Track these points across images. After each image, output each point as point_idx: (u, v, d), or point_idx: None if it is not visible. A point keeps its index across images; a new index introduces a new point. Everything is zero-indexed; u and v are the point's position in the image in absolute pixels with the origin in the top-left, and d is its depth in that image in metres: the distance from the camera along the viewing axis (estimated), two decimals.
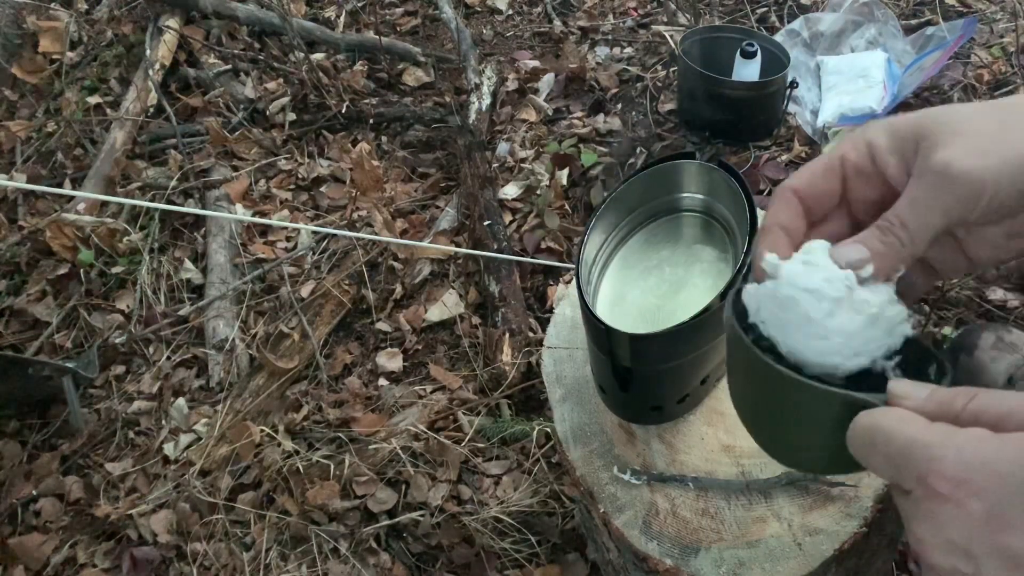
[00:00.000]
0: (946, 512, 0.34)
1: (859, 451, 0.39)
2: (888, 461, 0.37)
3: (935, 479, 0.34)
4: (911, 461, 0.35)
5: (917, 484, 0.35)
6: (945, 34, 1.81)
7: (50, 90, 2.44)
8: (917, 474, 0.35)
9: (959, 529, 0.33)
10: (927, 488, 0.34)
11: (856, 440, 0.39)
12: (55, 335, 1.83)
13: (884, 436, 0.37)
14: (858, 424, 0.39)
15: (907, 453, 0.36)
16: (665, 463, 0.76)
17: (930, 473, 0.34)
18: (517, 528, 1.33)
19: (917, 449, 0.35)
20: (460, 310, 1.70)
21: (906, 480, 0.36)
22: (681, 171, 0.73)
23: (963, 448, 0.34)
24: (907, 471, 0.36)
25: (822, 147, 1.72)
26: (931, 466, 0.34)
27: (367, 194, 1.94)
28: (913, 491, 0.35)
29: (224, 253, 1.91)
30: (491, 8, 2.51)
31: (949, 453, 0.34)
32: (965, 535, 0.33)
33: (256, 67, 2.36)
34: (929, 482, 0.34)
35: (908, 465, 0.35)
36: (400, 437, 1.48)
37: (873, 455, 0.38)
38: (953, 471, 0.33)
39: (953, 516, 0.33)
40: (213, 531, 1.46)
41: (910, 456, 0.35)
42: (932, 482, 0.34)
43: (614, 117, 2.00)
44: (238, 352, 1.72)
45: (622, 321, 0.67)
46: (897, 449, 0.36)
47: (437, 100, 2.21)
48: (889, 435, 0.37)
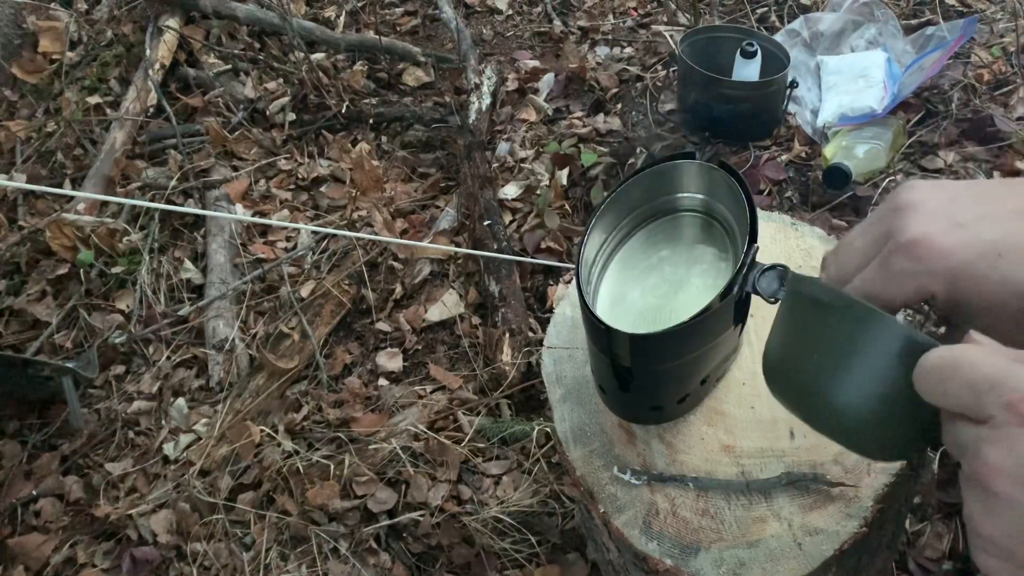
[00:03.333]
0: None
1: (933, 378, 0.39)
2: (969, 387, 0.37)
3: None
4: (1000, 387, 0.36)
5: (1003, 409, 0.35)
6: (945, 34, 1.81)
7: (50, 90, 2.44)
8: (1007, 399, 0.35)
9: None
10: (1016, 413, 0.35)
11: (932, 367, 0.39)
12: (55, 335, 1.83)
13: (970, 363, 0.38)
14: (937, 353, 0.39)
15: (998, 378, 0.36)
16: (665, 463, 0.76)
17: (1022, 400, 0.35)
18: (517, 528, 1.33)
19: (1009, 377, 0.36)
20: (460, 310, 1.70)
21: (989, 405, 0.36)
22: (681, 171, 0.73)
23: None
24: (992, 396, 0.36)
25: (822, 147, 1.72)
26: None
27: (367, 194, 1.94)
28: (996, 416, 0.36)
29: (224, 253, 1.91)
30: (491, 8, 2.51)
31: None
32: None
33: (256, 67, 2.36)
34: (1021, 408, 0.35)
35: (995, 390, 0.36)
36: (400, 437, 1.48)
37: (952, 381, 0.38)
38: None
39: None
40: (213, 531, 1.46)
41: (1000, 382, 0.36)
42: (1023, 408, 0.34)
43: (614, 117, 2.00)
44: (238, 352, 1.72)
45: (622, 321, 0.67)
46: (984, 375, 0.37)
47: (437, 100, 2.21)
48: (975, 363, 0.37)
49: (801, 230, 0.91)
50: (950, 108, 1.73)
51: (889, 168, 1.67)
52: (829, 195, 1.65)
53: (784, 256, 0.88)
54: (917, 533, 1.24)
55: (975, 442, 0.37)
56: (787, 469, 0.72)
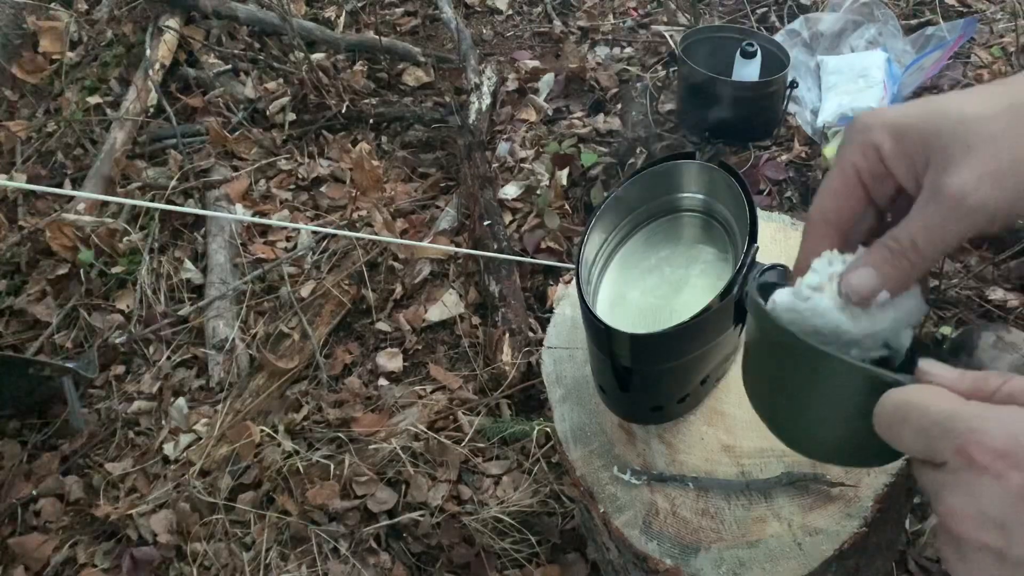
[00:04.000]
0: (983, 483, 0.34)
1: (887, 426, 0.39)
2: (921, 434, 0.37)
3: (975, 449, 0.34)
4: (949, 432, 0.35)
5: (955, 455, 0.35)
6: (945, 34, 1.81)
7: (50, 90, 2.44)
8: (956, 445, 0.35)
9: (995, 501, 0.33)
10: (966, 458, 0.34)
11: (886, 415, 0.39)
12: (55, 335, 1.83)
13: (919, 409, 0.37)
14: (889, 399, 0.39)
15: (945, 425, 0.36)
16: (665, 463, 0.76)
17: (970, 444, 0.34)
18: (517, 528, 1.33)
19: (957, 421, 0.35)
20: (460, 310, 1.70)
21: (941, 451, 0.36)
22: (681, 171, 0.73)
23: (1006, 421, 0.34)
24: (944, 442, 0.35)
25: (822, 147, 1.72)
26: (972, 437, 0.34)
27: (367, 194, 1.94)
28: (949, 462, 0.35)
29: (224, 253, 1.91)
30: (491, 8, 2.51)
31: (991, 425, 0.34)
32: (1001, 507, 0.33)
33: (256, 67, 2.36)
34: (969, 452, 0.34)
35: (945, 436, 0.35)
36: (400, 437, 1.48)
37: (904, 428, 0.38)
38: (995, 442, 0.33)
39: (990, 488, 0.33)
40: (213, 531, 1.46)
41: (949, 428, 0.35)
42: (972, 452, 0.34)
43: (614, 117, 2.00)
44: (238, 352, 1.72)
45: (622, 321, 0.67)
46: (933, 421, 0.36)
47: (437, 100, 2.21)
48: (924, 408, 0.37)
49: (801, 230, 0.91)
50: None
51: None
52: None
53: (784, 256, 0.88)
54: (917, 533, 1.24)
55: (937, 488, 0.36)
56: (787, 469, 0.72)
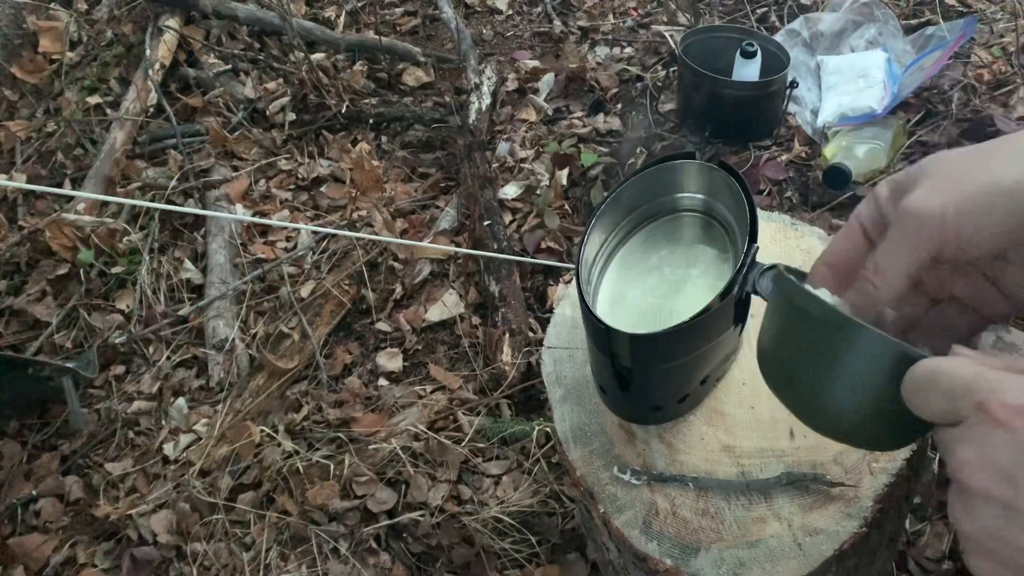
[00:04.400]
0: (998, 436, 0.36)
1: (917, 390, 0.41)
2: (947, 395, 0.39)
3: (994, 404, 0.36)
4: (972, 390, 0.38)
5: (974, 410, 0.37)
6: (945, 34, 1.81)
7: (50, 90, 2.44)
8: (976, 400, 0.37)
9: (1008, 453, 0.35)
10: (984, 412, 0.37)
11: (916, 380, 0.41)
12: (55, 335, 1.83)
13: (948, 373, 0.40)
14: (922, 365, 0.41)
15: (971, 384, 0.38)
16: (665, 463, 0.76)
17: (990, 400, 0.36)
18: (517, 528, 1.33)
19: (981, 380, 0.38)
20: (460, 310, 1.70)
21: (963, 409, 0.38)
22: (681, 171, 0.73)
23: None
24: (965, 400, 0.38)
25: (822, 147, 1.72)
26: (992, 394, 0.37)
27: (367, 194, 1.94)
28: (968, 418, 0.38)
29: (224, 253, 1.91)
30: (491, 8, 2.51)
31: (1013, 385, 0.37)
32: (1012, 460, 0.35)
33: (256, 67, 2.36)
34: (988, 407, 0.36)
35: (968, 394, 0.38)
36: (400, 437, 1.48)
37: (932, 391, 0.40)
38: (1013, 399, 0.36)
39: (1004, 441, 0.36)
40: (213, 531, 1.46)
41: (972, 386, 0.38)
42: (991, 407, 0.36)
43: (614, 117, 2.00)
44: (238, 352, 1.72)
45: (622, 321, 0.67)
46: (960, 382, 0.39)
47: (437, 100, 2.21)
48: (953, 372, 0.39)
49: (801, 230, 0.91)
50: (950, 108, 1.73)
51: (889, 168, 1.67)
52: (829, 195, 1.65)
53: (784, 256, 0.88)
54: (917, 533, 1.24)
55: (951, 442, 0.39)
56: (787, 469, 0.72)
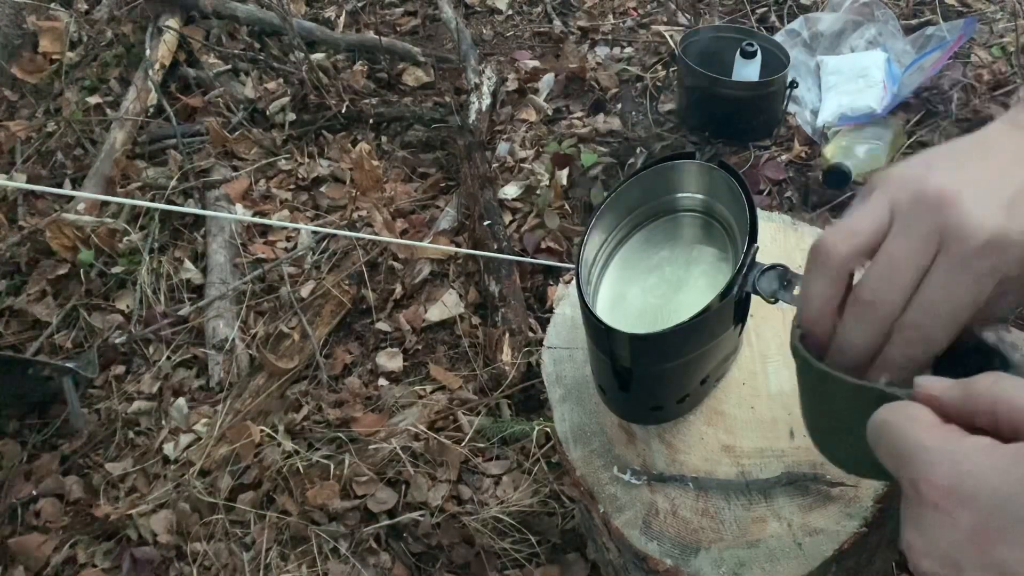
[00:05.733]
0: (936, 520, 0.33)
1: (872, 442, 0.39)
2: (892, 458, 0.36)
3: (926, 486, 0.33)
4: (909, 464, 0.35)
5: (911, 488, 0.34)
6: (945, 34, 1.81)
7: (50, 90, 2.44)
8: (911, 478, 0.34)
9: (948, 539, 0.32)
10: (919, 494, 0.34)
11: (870, 431, 0.39)
12: (55, 335, 1.83)
13: (891, 433, 0.37)
14: (875, 418, 0.39)
15: (908, 455, 0.35)
16: (665, 463, 0.76)
17: (922, 479, 0.34)
18: (517, 528, 1.33)
19: (916, 452, 0.35)
20: (460, 310, 1.70)
21: (903, 480, 0.35)
22: (681, 171, 0.73)
23: (958, 457, 0.33)
24: (906, 471, 0.35)
25: (822, 147, 1.72)
26: (925, 472, 0.34)
27: (367, 194, 1.94)
28: (906, 493, 0.35)
29: (224, 253, 1.91)
30: (491, 8, 2.51)
31: (944, 460, 0.33)
32: (953, 546, 0.32)
33: (256, 67, 2.36)
34: (921, 488, 0.33)
35: (907, 467, 0.35)
36: (400, 437, 1.48)
37: (880, 448, 0.38)
38: (944, 479, 0.33)
39: (942, 525, 0.33)
40: (213, 531, 1.46)
41: (910, 459, 0.35)
42: (923, 489, 0.33)
43: (614, 117, 2.00)
44: (238, 352, 1.72)
45: (622, 321, 0.67)
46: (899, 449, 0.36)
47: (437, 100, 2.20)
48: (895, 433, 0.36)
49: (801, 230, 0.91)
50: (950, 108, 1.73)
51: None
52: (829, 195, 1.65)
53: (784, 256, 0.88)
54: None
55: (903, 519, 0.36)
56: (787, 469, 0.72)
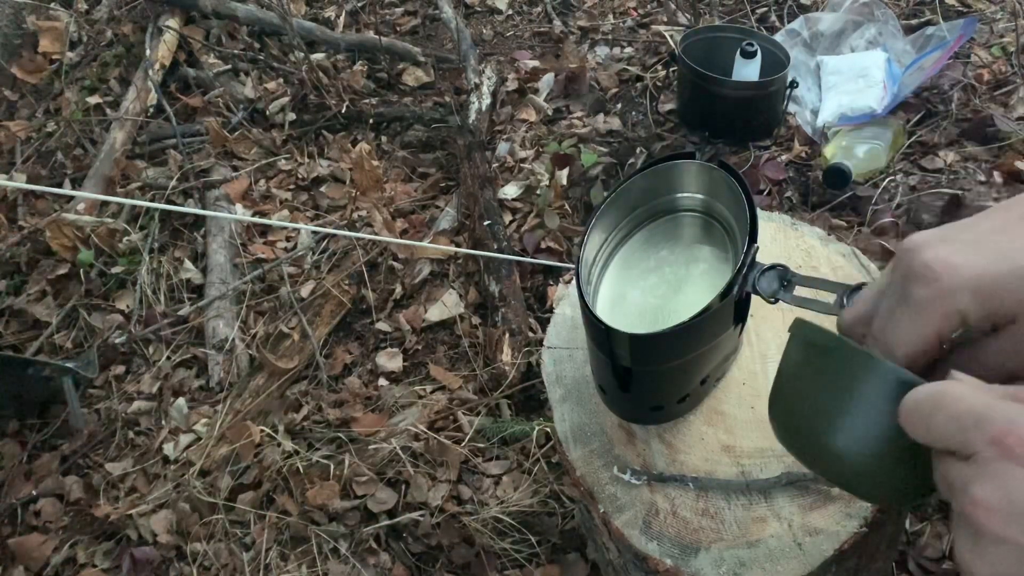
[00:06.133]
0: (1018, 475, 0.33)
1: (917, 418, 0.39)
2: (954, 421, 0.36)
3: (1014, 439, 0.34)
4: (985, 421, 0.35)
5: (990, 444, 0.34)
6: (945, 34, 1.81)
7: (50, 90, 2.44)
8: (992, 434, 0.34)
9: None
10: (1002, 448, 0.34)
11: (916, 403, 0.39)
12: (55, 335, 1.83)
13: (954, 397, 0.37)
14: (923, 389, 0.39)
15: (982, 414, 0.35)
16: (665, 463, 0.76)
17: (1008, 433, 0.34)
18: (517, 528, 1.33)
19: (994, 411, 0.35)
20: (460, 310, 1.70)
21: (974, 441, 0.35)
22: (681, 171, 0.73)
23: None
24: (978, 432, 0.35)
25: (822, 147, 1.72)
26: (1010, 427, 0.34)
27: (367, 194, 1.94)
28: (980, 452, 0.35)
29: (224, 253, 1.91)
30: (491, 8, 2.51)
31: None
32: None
33: (256, 67, 2.36)
34: (1007, 441, 0.34)
35: (980, 425, 0.35)
36: (400, 437, 1.48)
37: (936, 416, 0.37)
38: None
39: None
40: (213, 531, 1.46)
41: (985, 416, 0.35)
42: (1010, 442, 0.34)
43: (614, 117, 2.00)
44: (238, 352, 1.72)
45: (622, 321, 0.67)
46: (968, 409, 0.36)
47: (437, 100, 2.21)
48: (960, 397, 0.37)
49: (801, 230, 0.91)
50: (950, 108, 1.73)
51: (889, 168, 1.67)
52: (829, 195, 1.65)
53: (784, 256, 0.88)
54: (917, 533, 1.24)
55: (963, 480, 0.36)
56: (787, 469, 0.72)
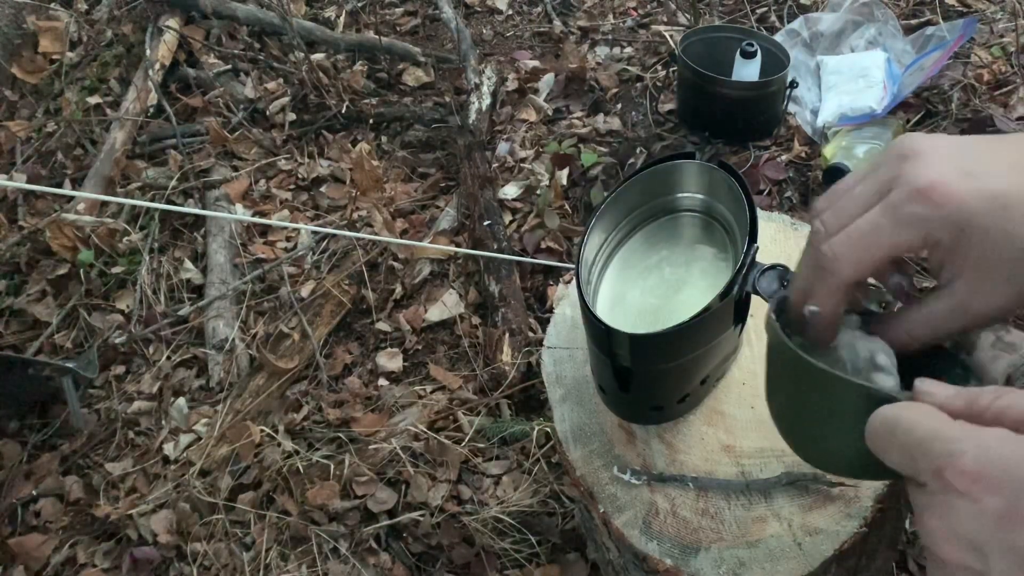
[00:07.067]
0: (961, 506, 0.34)
1: (876, 442, 0.39)
2: (905, 453, 0.37)
3: (952, 473, 0.34)
4: (930, 453, 0.35)
5: (933, 477, 0.35)
6: (945, 34, 1.81)
7: (50, 90, 2.44)
8: (935, 466, 0.35)
9: (972, 524, 0.33)
10: (943, 481, 0.34)
11: (874, 431, 0.39)
12: (55, 335, 1.83)
13: (904, 427, 0.37)
14: (878, 415, 0.39)
15: (927, 445, 0.36)
16: (665, 463, 0.76)
17: (948, 467, 0.34)
18: (517, 528, 1.33)
19: (937, 442, 0.35)
20: (460, 310, 1.70)
21: (922, 472, 0.36)
22: (681, 171, 0.73)
23: (983, 444, 0.34)
24: (924, 463, 0.36)
25: (822, 147, 1.72)
26: (950, 460, 0.34)
27: (367, 194, 1.94)
28: (928, 484, 0.35)
29: (224, 253, 1.91)
30: (491, 8, 2.51)
31: (969, 448, 0.34)
32: (977, 531, 0.33)
33: (256, 67, 2.36)
34: (946, 475, 0.34)
35: (926, 457, 0.36)
36: (400, 437, 1.48)
37: (890, 446, 0.38)
38: (971, 466, 0.34)
39: (967, 511, 0.33)
40: (213, 531, 1.46)
41: (929, 448, 0.35)
42: (949, 476, 0.34)
43: (614, 117, 2.00)
44: (238, 352, 1.72)
45: (622, 321, 0.67)
46: (916, 440, 0.36)
47: (437, 100, 2.21)
48: (910, 426, 0.37)
49: (801, 230, 0.91)
50: (950, 108, 1.73)
51: None
52: None
53: (784, 256, 0.88)
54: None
55: (918, 509, 0.37)
56: (787, 469, 0.72)
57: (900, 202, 0.44)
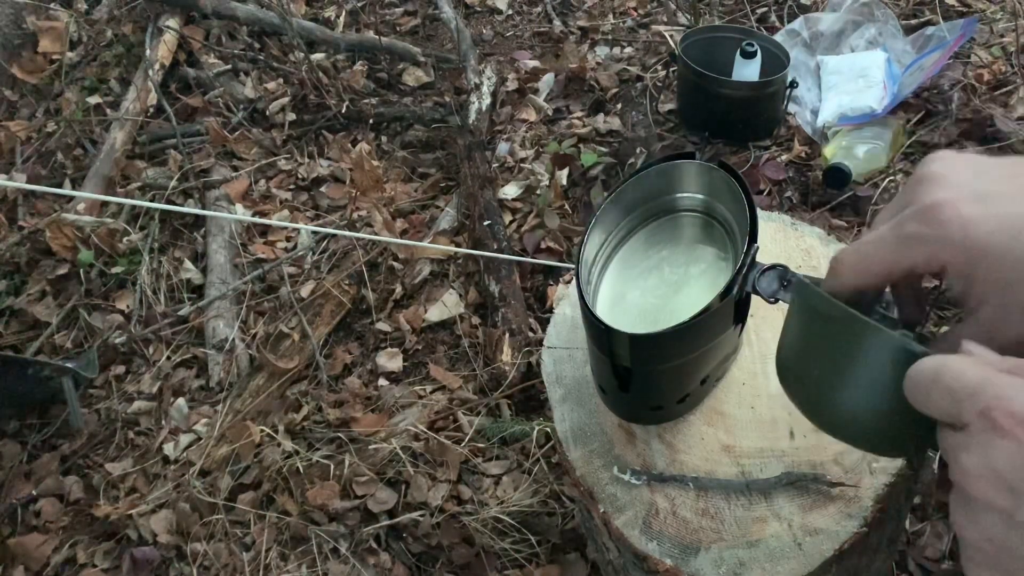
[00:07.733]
0: (1002, 446, 0.35)
1: (918, 388, 0.40)
2: (950, 395, 0.38)
3: (999, 413, 0.35)
4: (977, 395, 0.37)
5: (979, 416, 0.36)
6: (945, 34, 1.81)
7: (50, 90, 2.44)
8: (981, 407, 0.36)
9: (1011, 464, 0.35)
10: (990, 419, 0.36)
11: (918, 377, 0.40)
12: (55, 335, 1.83)
13: (953, 372, 0.39)
14: (926, 361, 0.40)
15: (976, 387, 0.37)
16: (665, 463, 0.76)
17: (996, 407, 0.36)
18: (517, 528, 1.33)
19: (987, 385, 0.37)
20: (460, 310, 1.70)
21: (966, 413, 0.37)
22: (681, 171, 0.73)
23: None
24: (970, 404, 0.37)
25: (822, 147, 1.72)
26: (998, 401, 0.36)
27: (367, 194, 1.94)
28: (971, 424, 0.37)
29: (224, 253, 1.91)
30: (491, 8, 2.51)
31: (1019, 394, 0.36)
32: (1014, 470, 0.35)
33: (256, 67, 2.36)
34: (993, 415, 0.36)
35: (972, 398, 0.37)
36: (400, 437, 1.48)
37: (935, 389, 0.39)
38: (1020, 407, 0.35)
39: (1008, 450, 0.35)
40: (213, 531, 1.46)
41: (977, 390, 0.37)
42: (996, 415, 0.35)
43: (614, 117, 2.00)
44: (238, 352, 1.72)
45: (622, 321, 0.67)
46: (964, 383, 0.38)
47: (437, 100, 2.21)
48: (957, 372, 0.38)
49: (801, 230, 0.91)
50: (950, 108, 1.73)
51: (889, 168, 1.67)
52: (829, 195, 1.65)
53: (784, 256, 0.88)
54: (917, 533, 1.24)
55: (955, 449, 0.38)
56: (787, 469, 0.72)
57: (905, 220, 0.45)
